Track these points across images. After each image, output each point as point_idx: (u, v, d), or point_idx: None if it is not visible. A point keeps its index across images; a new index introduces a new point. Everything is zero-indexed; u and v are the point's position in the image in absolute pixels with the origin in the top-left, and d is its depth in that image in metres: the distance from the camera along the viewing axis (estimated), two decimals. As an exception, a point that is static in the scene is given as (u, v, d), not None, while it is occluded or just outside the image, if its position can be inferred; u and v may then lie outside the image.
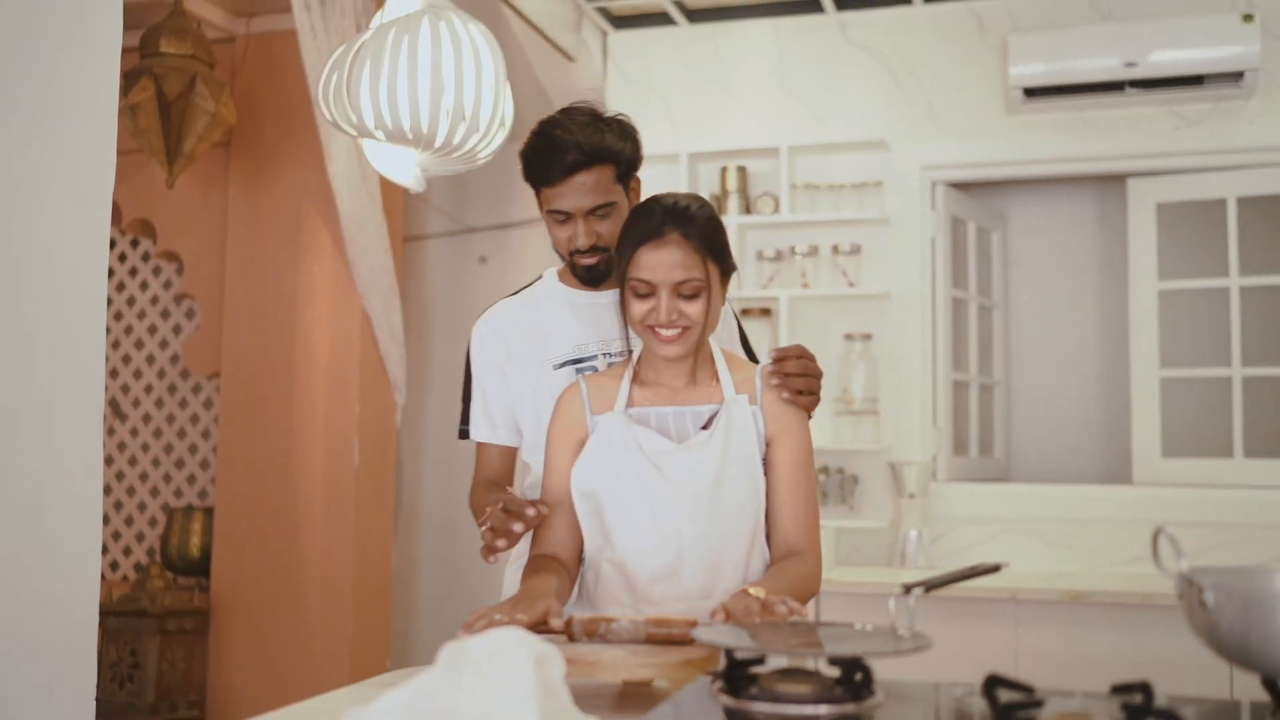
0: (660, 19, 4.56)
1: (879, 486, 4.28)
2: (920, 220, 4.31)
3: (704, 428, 1.82)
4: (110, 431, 5.22)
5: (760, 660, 1.26)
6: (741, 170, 4.42)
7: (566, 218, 1.97)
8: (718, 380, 1.85)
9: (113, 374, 5.24)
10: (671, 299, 1.75)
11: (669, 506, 1.75)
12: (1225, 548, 3.96)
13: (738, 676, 1.22)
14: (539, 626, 1.56)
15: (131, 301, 5.22)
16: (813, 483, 1.87)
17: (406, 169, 3.44)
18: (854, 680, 1.22)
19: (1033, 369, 4.91)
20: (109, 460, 5.21)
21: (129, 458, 5.18)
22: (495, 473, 2.10)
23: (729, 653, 1.26)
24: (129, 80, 4.23)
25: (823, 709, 1.18)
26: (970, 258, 4.61)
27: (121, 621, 4.47)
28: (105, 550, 5.21)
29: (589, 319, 2.05)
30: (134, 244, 5.24)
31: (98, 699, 1.98)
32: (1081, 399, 4.81)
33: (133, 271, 5.23)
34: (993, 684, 1.11)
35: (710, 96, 4.57)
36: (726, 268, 1.83)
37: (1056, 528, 4.14)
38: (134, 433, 5.18)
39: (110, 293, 5.27)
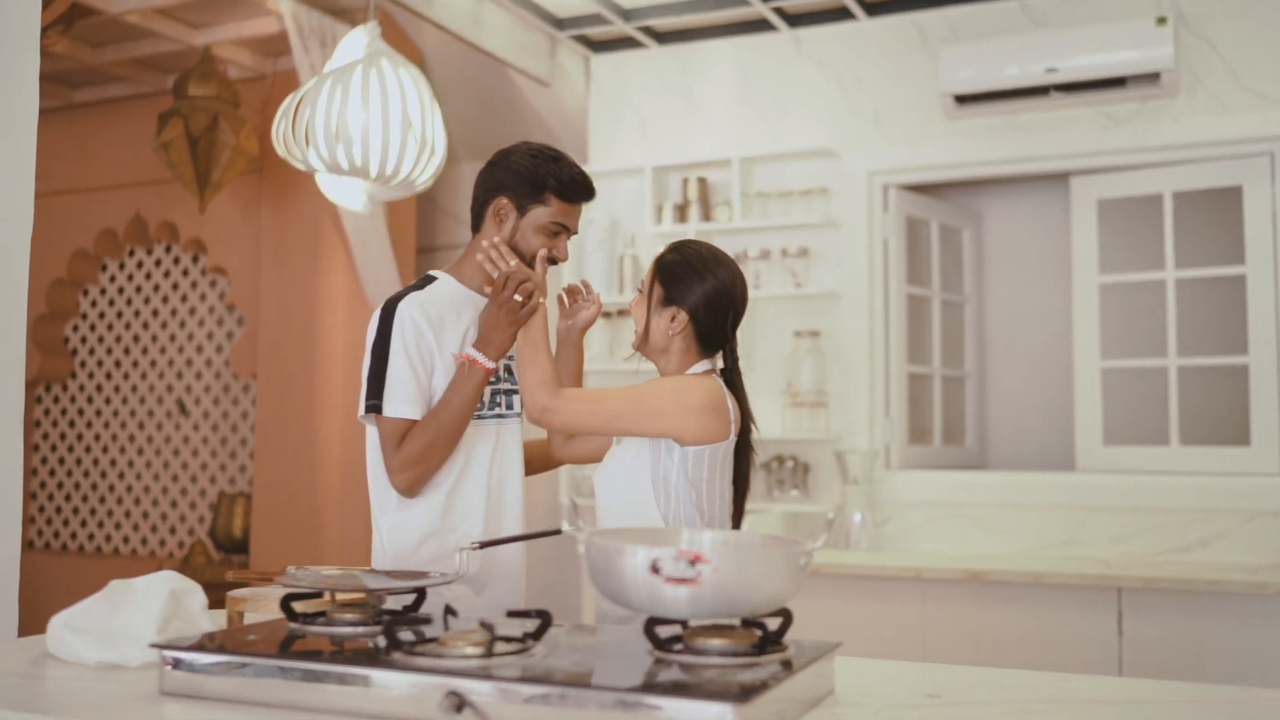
0: (633, 42, 4.94)
1: (828, 473, 4.57)
2: (869, 222, 4.58)
3: None
4: (176, 427, 5.92)
5: (318, 595, 1.68)
6: (702, 181, 4.77)
7: (561, 231, 2.38)
8: None
9: (178, 376, 5.93)
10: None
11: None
12: (1158, 530, 4.12)
13: (295, 610, 1.64)
14: (265, 579, 2.02)
15: (193, 311, 5.90)
16: (610, 395, 2.22)
17: (356, 196, 3.94)
18: (410, 608, 1.62)
19: (1008, 361, 5.09)
20: (175, 453, 5.91)
21: (192, 450, 5.87)
22: None
23: (332, 591, 1.69)
24: (162, 120, 4.88)
25: (360, 629, 1.59)
26: (933, 256, 4.84)
27: (171, 592, 5.14)
28: (173, 531, 5.91)
29: None
30: (195, 260, 5.92)
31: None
32: (1048, 389, 4.97)
33: (193, 284, 5.91)
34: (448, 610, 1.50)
35: (679, 112, 4.93)
36: (666, 294, 2.27)
37: (995, 512, 4.35)
38: (195, 428, 5.86)
39: (175, 303, 5.97)
